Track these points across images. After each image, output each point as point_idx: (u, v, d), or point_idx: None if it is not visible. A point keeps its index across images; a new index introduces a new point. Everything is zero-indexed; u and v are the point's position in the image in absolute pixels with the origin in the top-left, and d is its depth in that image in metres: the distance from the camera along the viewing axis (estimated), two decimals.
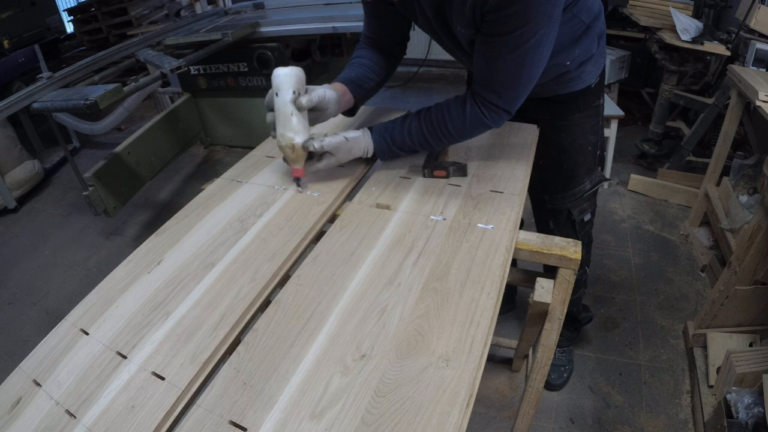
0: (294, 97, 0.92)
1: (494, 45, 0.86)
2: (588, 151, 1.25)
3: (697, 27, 2.30)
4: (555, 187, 1.29)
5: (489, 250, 0.80)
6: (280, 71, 0.92)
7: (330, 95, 1.00)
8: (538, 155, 1.20)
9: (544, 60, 0.89)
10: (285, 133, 0.93)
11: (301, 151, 0.95)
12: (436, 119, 0.99)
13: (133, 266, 0.85)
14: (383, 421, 0.55)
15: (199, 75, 3.01)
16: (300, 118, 0.94)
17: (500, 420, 1.53)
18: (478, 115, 0.95)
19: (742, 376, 1.29)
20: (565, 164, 1.25)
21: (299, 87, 0.93)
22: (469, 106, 0.96)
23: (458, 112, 0.97)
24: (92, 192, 2.17)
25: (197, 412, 0.59)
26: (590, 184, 1.29)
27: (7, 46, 4.00)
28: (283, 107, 0.92)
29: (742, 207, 1.78)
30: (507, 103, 0.94)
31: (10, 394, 0.65)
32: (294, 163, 0.97)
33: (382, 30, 1.14)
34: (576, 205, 1.30)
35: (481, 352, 0.63)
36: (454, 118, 0.97)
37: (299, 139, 0.94)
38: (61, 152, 3.42)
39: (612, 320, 1.84)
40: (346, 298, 0.73)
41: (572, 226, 1.33)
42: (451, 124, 0.98)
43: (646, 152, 2.74)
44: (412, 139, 1.01)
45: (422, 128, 1.00)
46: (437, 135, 1.00)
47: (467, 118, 0.96)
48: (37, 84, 2.03)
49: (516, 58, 0.86)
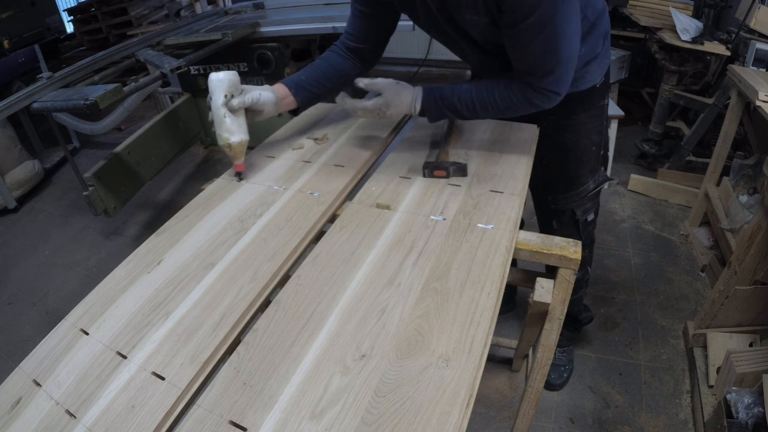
0: (225, 101, 0.99)
1: (519, 34, 0.86)
2: (592, 151, 1.24)
3: (697, 27, 2.30)
4: (558, 187, 1.29)
5: (489, 250, 0.80)
6: (212, 76, 0.99)
7: (266, 97, 1.04)
8: (541, 155, 1.19)
9: (576, 35, 0.88)
10: (221, 134, 1.01)
11: (238, 148, 1.03)
12: (486, 89, 0.98)
13: (133, 266, 0.85)
14: (383, 421, 0.55)
15: (199, 75, 3.01)
16: (234, 119, 1.01)
17: (500, 420, 1.53)
18: (527, 95, 0.95)
19: (742, 376, 1.29)
20: (569, 164, 1.25)
21: (232, 90, 1.00)
22: (520, 85, 0.95)
23: (509, 88, 0.96)
24: (92, 192, 2.17)
25: (197, 412, 0.59)
26: (594, 184, 1.29)
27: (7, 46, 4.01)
28: (216, 110, 1.01)
29: (742, 207, 1.78)
30: (552, 84, 0.93)
31: (10, 394, 0.65)
32: (234, 159, 1.05)
33: (365, 33, 1.15)
34: (579, 205, 1.30)
35: (481, 352, 0.63)
36: (503, 92, 0.96)
37: (234, 139, 1.01)
38: (61, 152, 3.42)
39: (612, 320, 1.84)
40: (346, 298, 0.73)
41: (575, 226, 1.33)
42: (500, 96, 0.97)
43: (646, 152, 2.74)
44: (461, 101, 1.00)
45: (472, 94, 0.99)
46: (485, 104, 0.99)
47: (516, 96, 0.96)
48: (37, 84, 2.03)
49: (545, 41, 0.85)
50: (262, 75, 2.86)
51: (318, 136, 1.23)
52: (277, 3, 3.44)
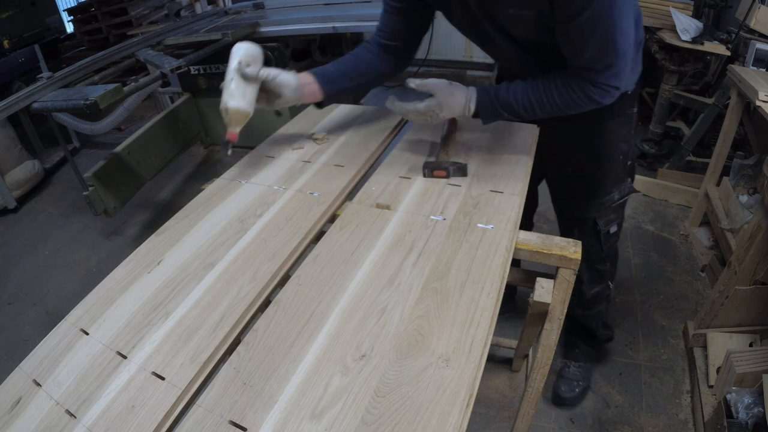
0: (239, 66, 0.96)
1: (575, 29, 0.85)
2: (618, 160, 1.20)
3: (697, 27, 2.30)
4: (581, 194, 1.25)
5: (489, 250, 0.80)
6: (237, 44, 0.98)
7: (285, 78, 1.00)
8: (567, 162, 1.17)
9: (630, 27, 0.87)
10: (223, 97, 0.98)
11: (235, 115, 0.98)
12: (544, 88, 0.95)
13: (133, 266, 0.85)
14: (383, 421, 0.55)
15: (199, 75, 3.01)
16: (240, 85, 0.98)
17: (500, 420, 1.53)
18: (587, 91, 0.93)
19: (742, 376, 1.29)
20: (594, 171, 1.21)
21: (249, 60, 0.98)
22: (578, 82, 0.93)
23: (568, 86, 0.93)
24: (92, 192, 2.17)
25: (197, 412, 0.59)
26: (618, 195, 1.24)
27: (7, 46, 4.00)
28: (227, 74, 0.98)
29: (742, 207, 1.78)
30: (612, 78, 0.91)
31: (10, 394, 0.65)
32: (228, 125, 1.01)
33: (396, 30, 1.11)
34: (602, 215, 1.26)
35: (481, 352, 0.63)
36: (562, 90, 0.94)
37: (233, 103, 0.97)
38: (61, 152, 3.42)
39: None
40: (346, 298, 0.73)
41: (597, 236, 1.28)
42: (558, 94, 0.94)
43: (646, 152, 2.73)
44: (518, 101, 0.97)
45: (529, 93, 0.96)
46: (543, 104, 0.96)
47: (576, 93, 0.93)
48: (37, 84, 2.03)
49: (603, 35, 0.84)
50: None
51: (318, 136, 1.23)
52: (277, 3, 3.44)
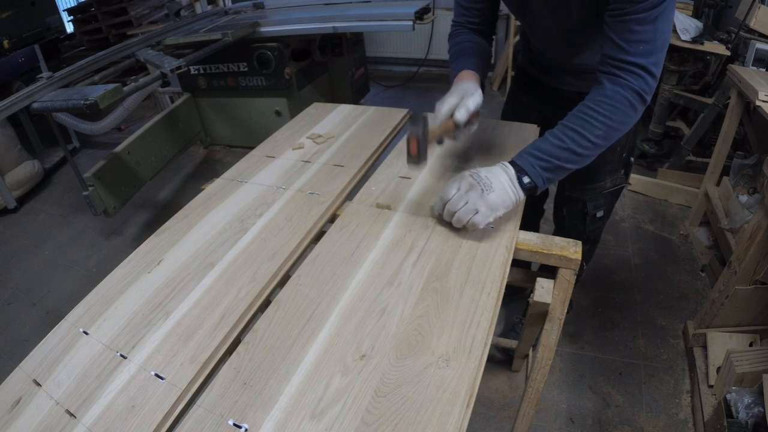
0: None
1: (629, 22, 0.84)
2: (615, 151, 1.25)
3: (697, 27, 2.30)
4: (576, 178, 1.25)
5: (489, 250, 0.80)
6: None
7: (479, 98, 0.95)
8: None
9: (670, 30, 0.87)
10: None
11: None
12: (585, 117, 0.88)
13: (133, 266, 0.85)
14: (383, 421, 0.55)
15: (199, 75, 3.01)
16: None
17: (500, 420, 1.53)
18: (629, 99, 0.87)
19: (742, 375, 1.29)
20: None
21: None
22: (619, 88, 0.87)
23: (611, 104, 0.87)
24: (92, 192, 2.17)
25: (197, 412, 0.59)
26: (610, 184, 1.30)
27: (7, 46, 4.00)
28: None
29: (742, 207, 1.78)
30: (653, 68, 0.87)
31: (10, 394, 0.65)
32: None
33: (478, 14, 1.12)
34: (592, 199, 1.32)
35: (481, 352, 0.63)
36: (607, 106, 0.87)
37: None
38: (61, 152, 3.41)
39: (612, 320, 1.84)
40: (346, 298, 0.73)
41: (583, 218, 1.35)
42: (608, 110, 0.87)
43: (646, 152, 2.74)
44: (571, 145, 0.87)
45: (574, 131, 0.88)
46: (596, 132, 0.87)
47: (622, 103, 0.87)
48: (37, 84, 2.03)
49: (654, 28, 0.84)
50: (261, 75, 2.86)
51: (318, 136, 1.23)
52: (277, 3, 3.44)
